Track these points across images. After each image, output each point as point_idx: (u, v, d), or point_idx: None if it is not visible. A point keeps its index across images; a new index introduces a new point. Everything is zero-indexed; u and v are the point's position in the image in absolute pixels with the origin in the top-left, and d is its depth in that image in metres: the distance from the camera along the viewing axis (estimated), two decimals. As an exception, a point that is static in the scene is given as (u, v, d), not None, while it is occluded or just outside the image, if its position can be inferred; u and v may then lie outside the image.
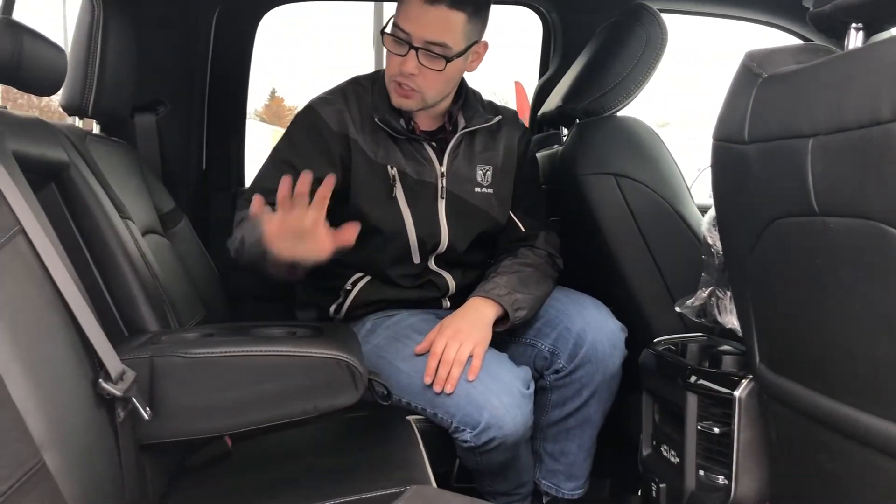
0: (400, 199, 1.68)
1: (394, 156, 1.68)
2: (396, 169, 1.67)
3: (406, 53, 1.58)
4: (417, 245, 1.70)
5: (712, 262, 1.47)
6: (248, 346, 1.20)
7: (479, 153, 1.76)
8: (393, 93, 1.65)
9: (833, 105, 0.85)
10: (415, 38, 1.56)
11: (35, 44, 1.23)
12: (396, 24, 1.58)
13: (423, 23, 1.55)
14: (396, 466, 1.28)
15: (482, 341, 1.55)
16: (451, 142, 1.72)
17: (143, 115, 2.14)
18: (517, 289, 1.65)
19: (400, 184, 1.67)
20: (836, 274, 0.89)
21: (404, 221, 1.68)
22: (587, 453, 1.79)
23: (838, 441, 0.94)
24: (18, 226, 0.95)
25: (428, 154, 1.71)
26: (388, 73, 1.64)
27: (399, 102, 1.65)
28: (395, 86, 1.63)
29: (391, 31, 1.59)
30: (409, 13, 1.56)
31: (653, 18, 1.78)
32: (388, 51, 1.61)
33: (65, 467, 0.86)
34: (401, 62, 1.59)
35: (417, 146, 1.70)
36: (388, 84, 1.66)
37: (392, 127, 1.67)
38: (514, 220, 1.80)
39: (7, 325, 0.85)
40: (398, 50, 1.59)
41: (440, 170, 1.71)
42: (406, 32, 1.57)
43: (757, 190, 1.02)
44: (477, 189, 1.75)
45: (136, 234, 1.52)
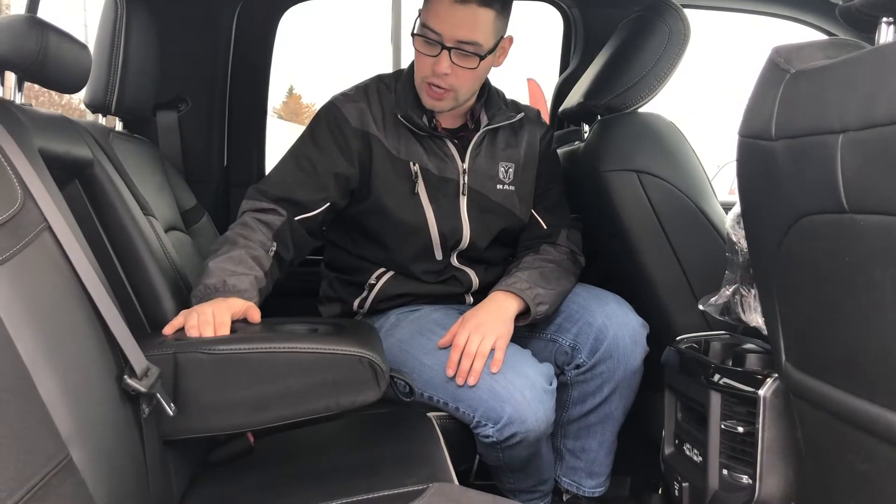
0: (422, 194, 1.68)
1: (416, 152, 1.68)
2: (419, 165, 1.67)
3: (438, 54, 1.57)
4: (439, 241, 1.71)
5: (736, 259, 1.46)
6: (271, 342, 1.21)
7: (501, 150, 1.76)
8: (424, 95, 1.65)
9: (864, 100, 0.83)
10: (446, 37, 1.55)
11: (60, 41, 1.24)
12: (425, 24, 1.57)
13: (454, 22, 1.54)
14: (419, 463, 1.28)
15: (504, 334, 1.55)
16: (474, 139, 1.73)
17: (165, 113, 2.16)
18: (539, 283, 1.65)
19: (422, 180, 1.68)
20: (865, 272, 0.88)
21: (426, 217, 1.69)
22: (608, 450, 1.78)
23: (868, 441, 0.93)
24: (45, 223, 0.96)
25: (450, 151, 1.71)
26: (418, 74, 1.64)
27: (432, 104, 1.65)
28: (427, 87, 1.62)
29: (420, 31, 1.59)
30: (439, 13, 1.55)
31: (675, 13, 1.77)
32: (419, 52, 1.61)
33: (91, 463, 0.87)
34: (433, 63, 1.58)
35: (440, 143, 1.71)
36: (418, 86, 1.66)
37: (415, 124, 1.67)
38: (536, 217, 1.81)
39: (34, 322, 0.86)
40: (429, 51, 1.58)
41: (462, 166, 1.71)
42: (437, 33, 1.56)
43: (784, 187, 1.01)
44: (499, 186, 1.75)
45: (159, 231, 1.53)
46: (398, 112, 1.67)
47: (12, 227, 0.89)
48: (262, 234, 1.57)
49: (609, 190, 1.71)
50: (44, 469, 0.78)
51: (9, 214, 0.89)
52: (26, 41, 1.18)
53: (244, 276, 1.45)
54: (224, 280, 1.42)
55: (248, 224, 1.57)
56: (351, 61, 35.09)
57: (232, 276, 1.43)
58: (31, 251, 0.91)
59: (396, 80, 1.74)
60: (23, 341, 0.83)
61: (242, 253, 1.50)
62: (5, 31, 1.19)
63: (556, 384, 1.57)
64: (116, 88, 1.68)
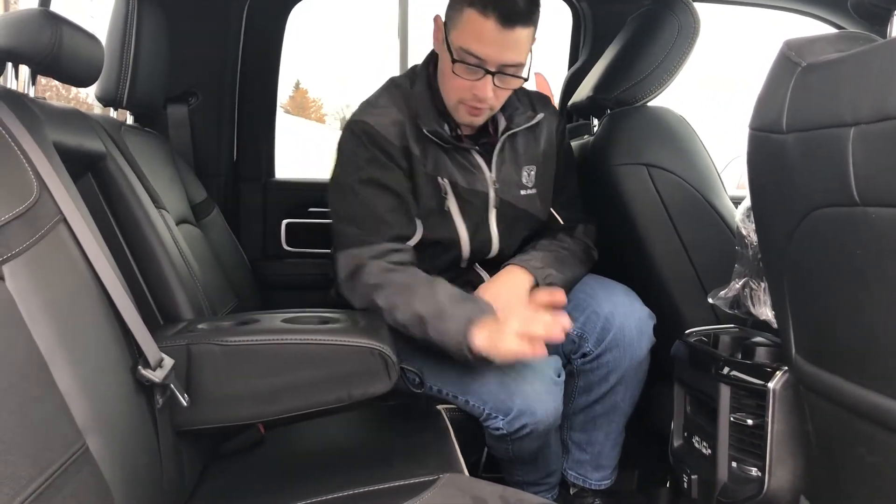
0: (453, 211, 1.63)
1: (444, 166, 1.62)
2: (447, 180, 1.62)
3: (481, 78, 1.51)
4: (469, 254, 1.68)
5: (746, 253, 1.46)
6: (283, 334, 1.22)
7: (522, 154, 1.71)
8: (462, 113, 1.59)
9: (876, 93, 0.84)
10: (490, 62, 1.49)
11: (74, 35, 1.25)
12: (466, 49, 1.49)
13: (501, 47, 1.47)
14: (429, 454, 1.29)
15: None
16: (497, 146, 1.67)
17: (176, 106, 2.17)
18: (552, 265, 1.64)
19: (452, 195, 1.62)
20: (878, 265, 0.88)
21: (458, 234, 1.64)
22: (614, 443, 1.78)
23: (879, 433, 0.93)
24: (60, 215, 0.97)
25: (477, 161, 1.65)
26: (454, 95, 1.57)
27: (469, 120, 1.60)
28: (465, 107, 1.57)
29: (459, 57, 1.50)
30: (484, 38, 1.47)
31: (685, 7, 1.77)
32: (456, 76, 1.52)
33: (107, 452, 0.88)
34: (472, 86, 1.52)
35: (465, 154, 1.64)
36: (453, 105, 1.59)
37: (441, 138, 1.60)
38: (553, 213, 1.79)
39: (50, 313, 0.87)
40: (471, 76, 1.51)
41: (490, 177, 1.66)
42: (480, 58, 1.48)
43: (795, 180, 1.01)
44: (522, 192, 1.72)
45: (170, 224, 1.54)
46: (423, 126, 1.59)
47: (29, 220, 0.90)
48: (412, 270, 1.54)
49: (618, 184, 1.71)
50: (61, 458, 0.79)
51: (25, 206, 0.90)
52: (41, 35, 1.19)
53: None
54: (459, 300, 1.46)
55: (386, 269, 1.51)
56: (357, 55, 35.03)
57: (456, 298, 1.47)
58: (46, 243, 0.92)
59: (412, 83, 1.66)
60: (40, 332, 0.84)
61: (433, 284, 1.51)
62: (20, 25, 1.20)
63: (563, 376, 1.58)
64: (128, 82, 1.69)
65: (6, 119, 0.97)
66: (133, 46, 1.69)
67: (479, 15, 1.45)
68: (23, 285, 0.84)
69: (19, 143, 0.96)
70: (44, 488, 0.73)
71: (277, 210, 2.36)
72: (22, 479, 0.70)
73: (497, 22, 1.44)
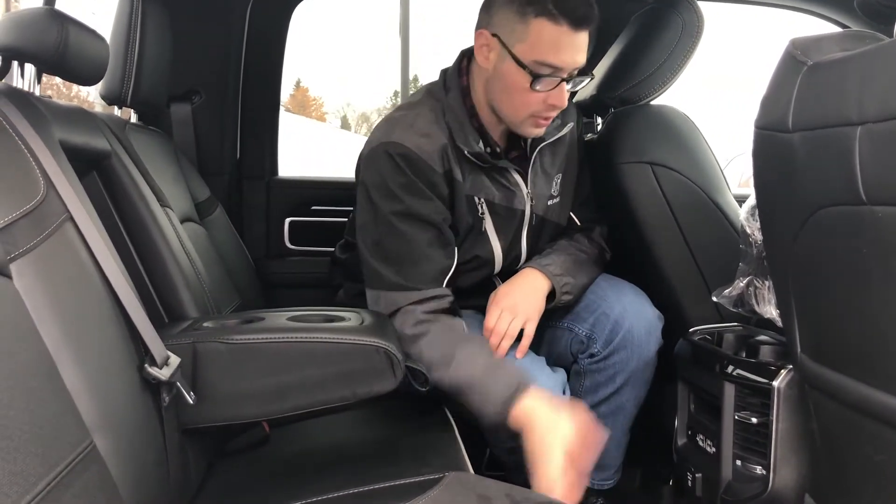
0: (489, 230, 1.60)
1: (483, 185, 1.57)
2: (485, 199, 1.57)
3: (556, 87, 1.46)
4: (500, 270, 1.67)
5: (750, 251, 1.46)
6: (288, 332, 1.22)
7: (550, 165, 1.69)
8: (528, 126, 1.53)
9: (883, 92, 0.84)
10: (566, 69, 1.45)
11: (79, 34, 1.25)
12: (544, 62, 1.43)
13: (574, 51, 1.44)
14: (434, 453, 1.29)
15: (535, 316, 1.55)
16: (532, 161, 1.63)
17: (179, 105, 2.17)
18: (570, 272, 1.63)
19: (489, 213, 1.58)
20: (884, 264, 0.88)
21: (493, 252, 1.62)
22: (618, 443, 1.78)
23: (885, 432, 0.93)
24: (67, 213, 0.97)
25: (515, 179, 1.61)
26: (523, 111, 1.50)
27: (537, 133, 1.55)
28: (534, 120, 1.51)
29: (536, 70, 1.43)
30: (561, 46, 1.42)
31: (689, 5, 1.77)
32: (533, 90, 1.45)
33: (114, 450, 0.88)
34: (546, 97, 1.46)
35: (503, 172, 1.60)
36: (520, 121, 1.52)
37: (483, 159, 1.55)
38: (571, 215, 1.78)
39: (57, 311, 0.87)
40: (547, 87, 1.45)
41: (527, 193, 1.62)
42: (557, 67, 1.43)
43: (801, 179, 1.01)
44: (550, 202, 1.70)
45: (175, 222, 1.54)
46: (463, 147, 1.52)
47: (36, 218, 0.90)
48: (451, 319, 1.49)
49: (623, 182, 1.71)
50: (69, 456, 0.79)
51: (32, 205, 0.90)
52: (47, 34, 1.19)
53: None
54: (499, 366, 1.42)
55: (424, 320, 1.46)
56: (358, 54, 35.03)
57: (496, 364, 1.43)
58: (53, 241, 0.92)
59: (446, 92, 1.58)
60: (47, 330, 0.84)
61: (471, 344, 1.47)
62: (26, 24, 1.20)
63: (568, 392, 1.57)
64: (132, 81, 1.69)
65: (13, 117, 0.97)
66: (137, 45, 1.69)
67: (551, 23, 1.40)
68: (30, 283, 0.84)
69: (26, 142, 0.96)
70: (52, 486, 0.73)
71: (281, 208, 2.36)
72: (31, 477, 0.70)
73: (570, 27, 1.41)
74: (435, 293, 1.48)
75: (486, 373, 1.39)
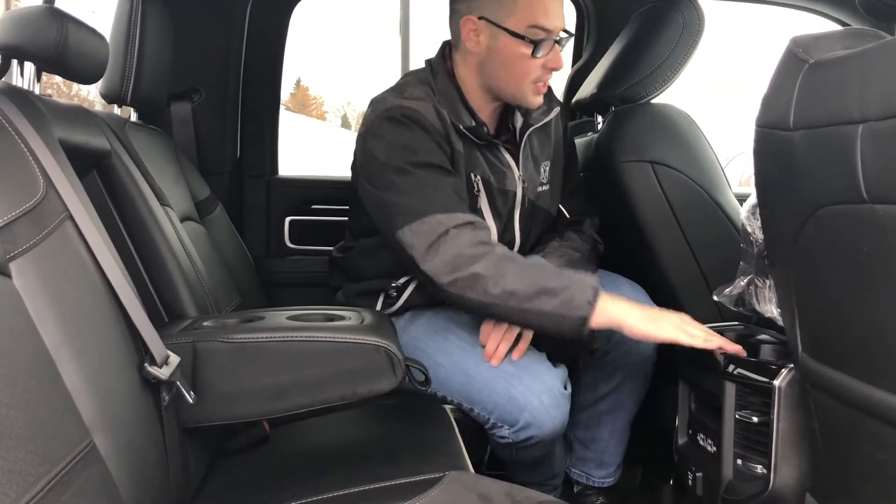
0: (485, 209, 1.60)
1: (478, 163, 1.59)
2: (480, 177, 1.59)
3: (550, 51, 1.53)
4: None
5: (751, 250, 1.45)
6: (289, 331, 1.22)
7: (539, 151, 1.70)
8: (531, 95, 1.57)
9: (885, 90, 0.83)
10: (555, 32, 1.53)
11: (79, 32, 1.25)
12: (538, 25, 1.50)
13: (559, 13, 1.54)
14: (435, 452, 1.29)
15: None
16: (522, 143, 1.65)
17: (179, 103, 2.17)
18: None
19: (484, 193, 1.60)
20: (885, 262, 0.88)
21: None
22: (619, 440, 1.78)
23: (887, 431, 0.93)
24: (67, 212, 0.97)
25: (506, 160, 1.63)
26: (527, 78, 1.54)
27: (539, 101, 1.59)
28: (534, 87, 1.56)
29: (531, 35, 1.51)
30: (549, 9, 1.51)
31: (690, 4, 1.77)
32: (529, 56, 1.52)
33: (113, 449, 0.88)
34: (545, 62, 1.53)
35: (495, 151, 1.62)
36: (522, 90, 1.56)
37: (477, 134, 1.57)
38: (560, 206, 1.78)
39: (57, 310, 0.87)
40: (546, 51, 1.53)
41: (519, 175, 1.64)
42: (548, 30, 1.51)
43: (802, 177, 1.01)
44: (540, 188, 1.71)
45: (175, 221, 1.54)
46: (456, 122, 1.55)
47: (35, 217, 0.90)
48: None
49: (623, 181, 1.71)
50: (68, 455, 0.79)
51: (32, 203, 0.90)
52: (46, 32, 1.19)
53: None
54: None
55: (480, 240, 1.42)
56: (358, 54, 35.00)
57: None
58: (53, 240, 0.92)
59: (434, 77, 1.61)
60: (46, 329, 0.84)
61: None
62: (26, 22, 1.19)
63: (570, 388, 1.57)
64: (132, 79, 1.69)
65: (13, 116, 0.97)
66: (137, 44, 1.69)
67: None
68: (30, 282, 0.84)
69: (26, 141, 0.96)
70: (52, 485, 0.73)
71: (281, 207, 2.36)
72: (30, 476, 0.70)
73: None
74: (477, 220, 1.46)
75: (563, 279, 1.41)
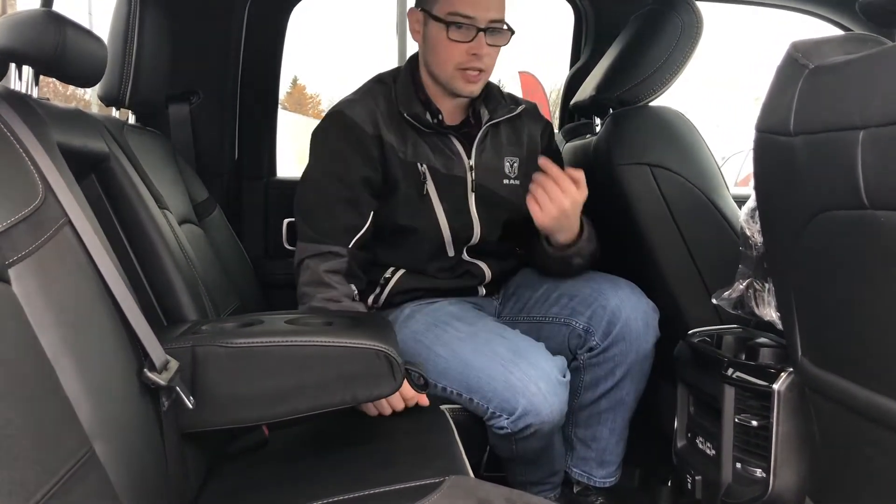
0: (432, 195, 1.69)
1: (423, 152, 1.69)
2: (426, 166, 1.68)
3: (474, 38, 1.61)
4: (451, 239, 1.72)
5: (750, 253, 1.45)
6: (287, 336, 1.21)
7: (505, 145, 1.78)
8: (460, 81, 1.66)
9: (886, 96, 0.83)
10: (479, 20, 1.60)
11: (77, 36, 1.24)
12: (456, 12, 1.60)
13: (486, 4, 1.60)
14: (434, 456, 1.29)
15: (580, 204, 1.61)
16: (478, 135, 1.74)
17: (177, 105, 2.16)
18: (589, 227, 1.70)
19: (431, 180, 1.69)
20: (885, 268, 0.88)
21: (437, 218, 1.70)
22: (619, 438, 1.78)
23: (886, 435, 0.93)
24: (65, 217, 0.97)
25: (456, 148, 1.72)
26: (449, 63, 1.65)
27: (470, 89, 1.67)
28: (462, 73, 1.64)
29: (450, 20, 1.61)
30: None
31: (687, 6, 1.77)
32: (451, 41, 1.62)
33: (113, 456, 0.88)
34: (469, 48, 1.61)
35: (445, 140, 1.71)
36: (450, 75, 1.66)
37: (421, 121, 1.68)
38: None
39: (56, 316, 0.86)
40: (463, 37, 1.61)
41: (468, 163, 1.72)
42: (469, 17, 1.60)
43: (802, 182, 1.01)
44: (505, 181, 1.77)
45: (173, 224, 1.54)
46: (403, 110, 1.68)
47: (34, 222, 0.89)
48: (340, 285, 1.60)
49: (622, 184, 1.71)
50: (68, 462, 0.78)
51: (31, 209, 0.90)
52: (45, 36, 1.19)
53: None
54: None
55: (323, 282, 1.59)
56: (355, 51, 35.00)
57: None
58: (52, 246, 0.91)
59: (394, 78, 1.74)
60: (46, 336, 0.83)
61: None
62: (24, 26, 1.19)
63: (569, 376, 1.58)
64: (130, 81, 1.68)
65: (11, 121, 0.96)
66: (135, 46, 1.69)
67: None
68: (29, 288, 0.84)
69: (24, 145, 0.95)
70: (52, 494, 0.73)
71: (279, 209, 2.36)
72: (30, 485, 0.70)
73: None
74: (333, 249, 1.61)
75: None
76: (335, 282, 1.59)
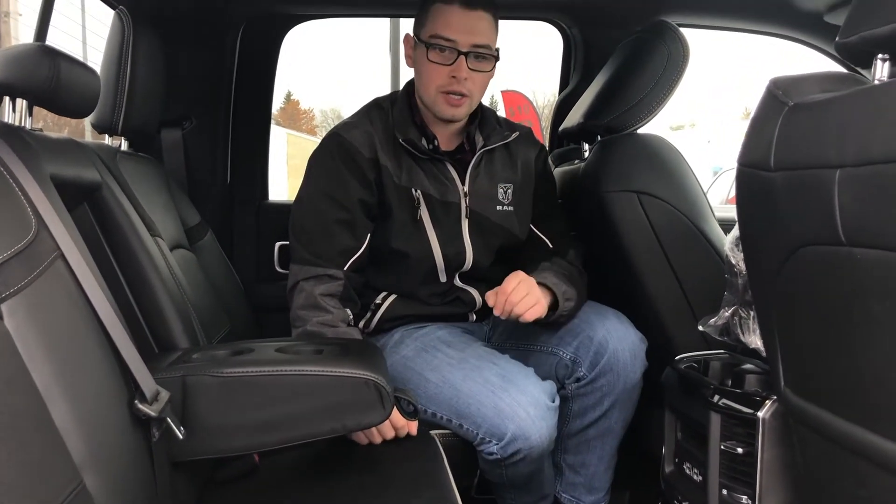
0: (425, 221, 1.70)
1: (417, 178, 1.70)
2: (420, 191, 1.69)
3: (454, 61, 1.62)
4: (443, 265, 1.73)
5: (735, 281, 1.47)
6: (277, 365, 1.22)
7: (499, 172, 1.79)
8: (442, 105, 1.67)
9: (861, 137, 0.85)
10: (461, 44, 1.62)
11: (71, 68, 1.26)
12: (437, 35, 1.63)
13: (468, 28, 1.62)
14: (423, 484, 1.29)
15: (542, 307, 1.59)
16: (472, 161, 1.75)
17: (170, 130, 2.18)
18: (565, 282, 1.67)
19: (425, 206, 1.70)
20: (863, 303, 0.90)
21: (430, 244, 1.71)
22: (607, 465, 1.79)
23: (866, 467, 0.95)
24: (58, 250, 0.97)
25: (450, 174, 1.73)
26: (431, 86, 1.67)
27: (452, 113, 1.68)
28: (444, 97, 1.66)
29: (432, 43, 1.63)
30: (451, 22, 1.62)
31: (674, 35, 1.80)
32: (432, 63, 1.64)
33: (104, 489, 0.88)
34: (450, 70, 1.63)
35: (440, 166, 1.73)
36: (432, 99, 1.68)
37: (416, 147, 1.69)
38: (541, 236, 1.83)
39: (48, 350, 0.87)
40: (445, 59, 1.63)
41: (462, 189, 1.73)
42: (451, 40, 1.62)
43: (783, 217, 1.02)
44: (499, 207, 1.78)
45: (165, 252, 1.55)
46: (399, 136, 1.69)
47: (27, 257, 0.90)
48: (336, 309, 1.61)
49: (609, 210, 1.73)
50: (60, 496, 0.79)
51: (24, 244, 0.90)
52: (39, 69, 1.20)
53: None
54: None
55: (319, 306, 1.60)
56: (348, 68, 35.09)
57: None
58: (44, 280, 0.92)
59: (392, 103, 1.76)
60: (37, 370, 0.84)
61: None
62: (18, 60, 1.21)
63: (558, 401, 1.59)
64: (123, 108, 1.70)
65: (3, 155, 0.96)
66: (128, 74, 1.70)
67: (444, 4, 1.64)
68: (21, 323, 0.85)
69: (17, 179, 0.96)
70: (43, 529, 0.73)
71: (271, 232, 2.37)
72: (21, 521, 0.71)
73: (460, 6, 1.62)
74: (329, 273, 1.63)
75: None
76: (331, 306, 1.60)
